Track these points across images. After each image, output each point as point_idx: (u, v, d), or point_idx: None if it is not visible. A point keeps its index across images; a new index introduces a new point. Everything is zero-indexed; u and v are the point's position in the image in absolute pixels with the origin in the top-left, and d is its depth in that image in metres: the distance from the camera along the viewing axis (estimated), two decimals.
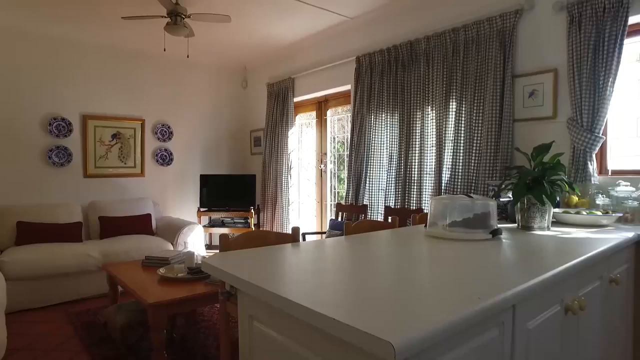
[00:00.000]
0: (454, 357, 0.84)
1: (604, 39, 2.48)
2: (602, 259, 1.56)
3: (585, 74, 2.56)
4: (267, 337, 1.04)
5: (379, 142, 3.82)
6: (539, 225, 2.03)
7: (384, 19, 3.88)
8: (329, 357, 0.84)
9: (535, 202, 2.01)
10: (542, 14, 2.83)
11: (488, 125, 3.01)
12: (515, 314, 1.04)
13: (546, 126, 2.83)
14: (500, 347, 0.99)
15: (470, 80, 3.14)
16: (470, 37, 3.15)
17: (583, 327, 1.45)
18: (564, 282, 1.29)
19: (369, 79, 3.92)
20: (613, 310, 1.71)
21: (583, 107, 2.57)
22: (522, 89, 2.94)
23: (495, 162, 2.97)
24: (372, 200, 3.85)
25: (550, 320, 1.23)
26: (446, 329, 0.77)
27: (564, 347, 1.30)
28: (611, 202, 2.42)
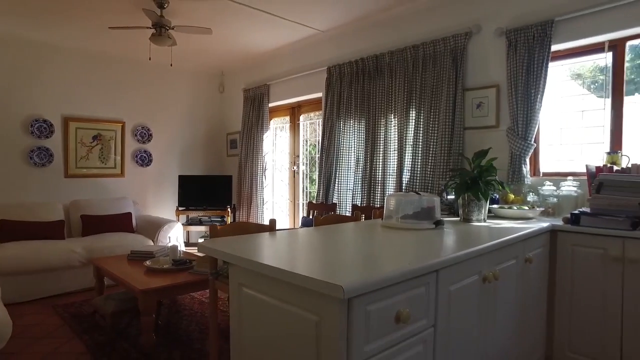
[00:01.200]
0: (390, 302, 1.19)
1: (534, 62, 2.93)
2: (518, 242, 1.97)
3: (520, 90, 3.00)
4: (254, 299, 1.37)
5: (347, 145, 4.19)
6: (476, 217, 2.44)
7: (352, 34, 4.25)
8: (301, 304, 1.18)
9: (473, 198, 2.41)
10: (487, 37, 3.27)
11: (442, 132, 3.42)
12: (439, 278, 1.41)
13: (490, 134, 3.26)
14: (426, 301, 1.36)
15: (428, 91, 3.55)
16: (427, 54, 3.56)
17: (500, 295, 1.84)
18: (482, 258, 1.68)
19: (338, 87, 4.29)
20: (528, 283, 2.13)
21: (518, 118, 3.01)
22: (471, 101, 3.37)
23: (448, 165, 3.38)
24: (340, 199, 4.21)
25: (470, 286, 1.61)
26: (380, 281, 1.13)
27: (481, 309, 1.69)
28: (539, 199, 2.87)
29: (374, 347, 1.15)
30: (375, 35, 4.05)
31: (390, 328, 1.20)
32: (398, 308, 1.22)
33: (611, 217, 2.17)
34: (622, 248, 2.13)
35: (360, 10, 3.87)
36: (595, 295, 2.23)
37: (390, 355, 1.21)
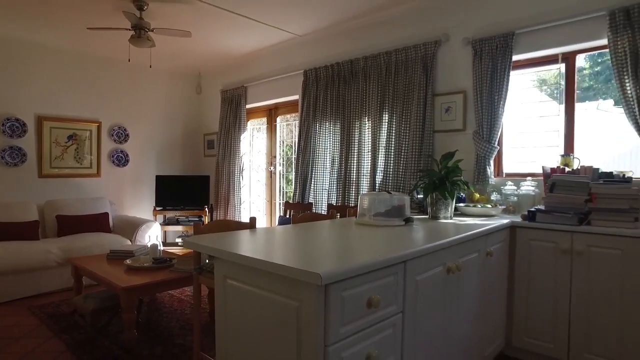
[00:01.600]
0: (363, 289, 1.34)
1: (497, 70, 3.15)
2: (480, 237, 2.15)
3: (484, 96, 3.21)
4: (238, 289, 1.49)
5: (323, 147, 4.34)
6: (444, 215, 2.63)
7: (328, 39, 4.40)
8: (283, 292, 1.31)
9: (440, 197, 2.60)
10: (455, 46, 3.47)
11: (413, 135, 3.60)
12: (406, 268, 1.57)
13: (458, 137, 3.46)
14: (395, 288, 1.51)
15: (400, 96, 3.73)
16: (400, 60, 3.74)
17: (463, 285, 2.02)
18: (446, 251, 1.85)
19: (314, 90, 4.43)
20: (490, 275, 2.32)
21: (483, 123, 3.22)
22: (440, 105, 3.57)
23: (419, 166, 3.57)
24: (316, 198, 4.35)
25: (435, 276, 1.78)
26: (354, 269, 1.27)
27: (445, 297, 1.86)
28: (501, 197, 3.09)
29: (349, 329, 1.29)
30: (350, 41, 4.21)
31: (362, 312, 1.35)
32: (370, 295, 1.37)
33: (562, 214, 2.40)
34: (570, 241, 2.35)
35: (336, 17, 4.02)
36: (548, 285, 2.45)
37: (363, 337, 1.35)
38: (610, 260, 2.24)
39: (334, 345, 1.24)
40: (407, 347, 1.59)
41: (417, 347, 1.65)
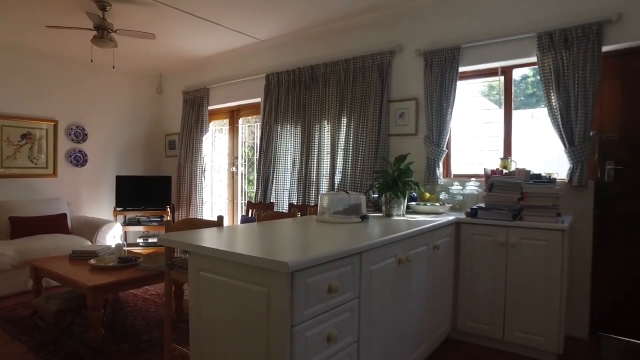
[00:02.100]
0: (324, 277, 1.53)
1: (446, 80, 3.44)
2: (427, 232, 2.41)
3: (434, 103, 3.50)
4: (211, 280, 1.64)
5: (284, 148, 4.50)
6: (397, 213, 2.87)
7: (290, 45, 4.57)
8: (253, 280, 1.47)
9: (394, 196, 2.84)
10: (408, 56, 3.74)
11: (370, 138, 3.84)
12: (362, 259, 1.77)
13: (411, 141, 3.74)
14: (351, 277, 1.71)
15: (357, 101, 3.96)
16: (358, 67, 3.97)
17: (412, 275, 2.26)
18: (397, 244, 2.07)
19: (276, 94, 4.58)
20: (437, 266, 2.58)
21: (433, 128, 3.51)
22: (394, 111, 3.83)
23: (375, 167, 3.81)
24: (278, 198, 4.51)
25: (387, 266, 2.00)
26: (316, 259, 1.46)
27: (396, 285, 2.09)
28: (449, 197, 3.38)
29: (312, 311, 1.48)
30: (311, 48, 4.40)
31: (324, 297, 1.54)
32: (330, 282, 1.56)
33: (499, 211, 2.71)
34: (506, 235, 2.66)
35: (298, 24, 4.20)
36: (488, 274, 2.75)
37: (324, 319, 1.54)
38: (538, 250, 2.56)
39: (298, 326, 1.42)
40: (363, 329, 1.79)
41: (371, 329, 1.87)
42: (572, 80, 2.88)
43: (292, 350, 1.40)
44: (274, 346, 1.41)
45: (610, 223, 2.95)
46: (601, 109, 2.96)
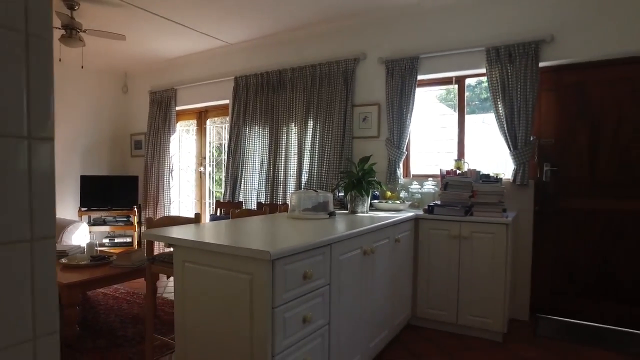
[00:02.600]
0: (299, 265, 1.72)
1: (406, 87, 3.73)
2: (389, 227, 2.65)
3: (395, 108, 3.78)
4: (195, 270, 1.80)
5: (252, 149, 4.65)
6: (361, 210, 3.11)
7: (259, 49, 4.72)
8: (237, 268, 1.65)
9: (358, 195, 3.08)
10: (371, 64, 4.00)
11: (335, 140, 4.07)
12: (332, 250, 1.99)
13: (373, 143, 4.00)
14: (323, 266, 1.92)
15: (323, 105, 4.18)
16: (324, 73, 4.19)
17: (376, 265, 2.50)
18: (362, 237, 2.30)
19: (245, 96, 4.73)
20: (398, 257, 2.84)
21: (394, 131, 3.79)
22: (358, 115, 4.08)
23: (340, 167, 4.05)
24: (246, 197, 4.65)
25: (354, 257, 2.22)
26: (293, 249, 1.66)
27: (362, 274, 2.32)
28: (408, 195, 3.67)
29: (289, 295, 1.67)
30: (279, 53, 4.57)
31: (300, 282, 1.74)
32: (305, 269, 1.76)
33: (452, 207, 3.00)
34: (459, 229, 2.96)
35: (266, 29, 4.37)
36: (443, 264, 3.04)
37: (300, 302, 1.74)
38: (486, 242, 2.88)
39: (279, 308, 1.61)
40: (333, 312, 2.01)
41: (340, 313, 2.08)
42: (515, 90, 3.23)
43: (273, 329, 1.58)
44: (257, 326, 1.59)
45: (547, 217, 3.33)
46: (540, 117, 3.34)
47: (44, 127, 0.64)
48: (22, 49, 0.60)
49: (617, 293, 3.13)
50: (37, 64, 0.62)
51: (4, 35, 0.58)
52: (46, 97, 0.64)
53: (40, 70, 0.63)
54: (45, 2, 0.63)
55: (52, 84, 0.65)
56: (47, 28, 0.63)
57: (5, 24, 0.58)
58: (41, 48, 0.62)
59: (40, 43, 0.62)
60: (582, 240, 3.24)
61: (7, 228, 0.59)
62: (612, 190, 3.14)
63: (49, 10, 0.64)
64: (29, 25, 0.61)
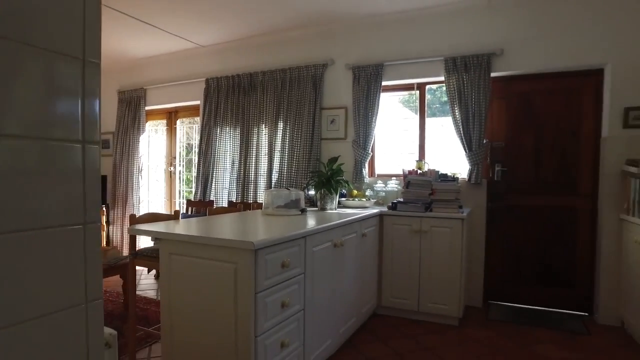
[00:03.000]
0: (278, 255, 1.91)
1: (371, 92, 3.98)
2: (356, 222, 2.88)
3: (361, 111, 4.02)
4: (181, 261, 1.94)
5: (223, 149, 4.77)
6: (330, 207, 3.33)
7: (230, 52, 4.84)
8: (222, 258, 1.81)
9: (327, 193, 3.29)
10: (339, 69, 4.23)
11: (304, 141, 4.27)
12: (306, 242, 2.18)
13: (341, 144, 4.22)
14: (299, 256, 2.11)
15: (293, 108, 4.37)
16: (294, 77, 4.38)
17: (345, 256, 2.71)
18: (332, 231, 2.51)
19: (216, 97, 4.84)
20: (365, 250, 3.07)
21: (360, 133, 4.03)
22: (326, 117, 4.30)
23: (309, 167, 4.25)
24: (217, 196, 4.77)
25: (326, 249, 2.43)
26: (274, 240, 1.84)
27: (333, 264, 2.53)
28: (374, 193, 3.92)
29: (270, 282, 1.86)
30: (250, 56, 4.72)
31: (279, 271, 1.92)
32: (283, 259, 1.95)
33: (414, 204, 3.27)
34: (419, 224, 3.23)
35: (238, 33, 4.50)
36: (405, 257, 3.31)
37: (279, 288, 1.93)
38: (444, 235, 3.16)
39: (260, 293, 1.79)
40: (308, 299, 2.20)
41: (314, 300, 2.28)
42: (470, 97, 3.55)
43: (256, 312, 1.77)
44: (241, 309, 1.77)
45: (498, 213, 3.67)
46: (492, 122, 3.67)
47: (93, 134, 0.80)
48: (80, 74, 0.76)
49: (554, 279, 3.51)
50: (90, 85, 0.78)
51: (69, 63, 0.74)
52: (95, 112, 0.80)
53: (92, 89, 0.79)
54: (97, 34, 0.79)
55: (99, 102, 0.81)
56: (98, 54, 0.79)
57: (70, 54, 0.74)
58: (94, 71, 0.79)
59: (93, 67, 0.78)
60: (527, 233, 3.59)
61: (69, 213, 0.75)
62: (552, 188, 3.51)
63: (100, 40, 0.80)
64: (86, 53, 0.77)
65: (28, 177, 0.68)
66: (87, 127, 0.79)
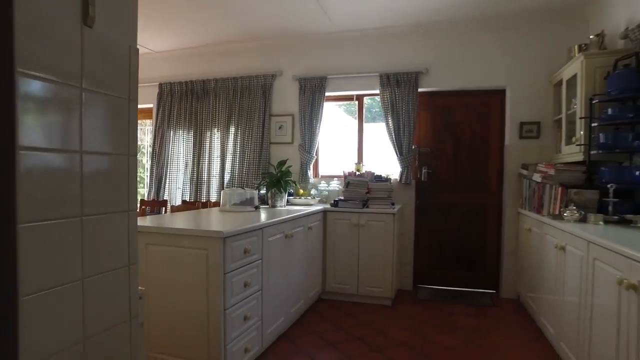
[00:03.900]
0: (241, 243, 2.29)
1: (315, 101, 4.44)
2: (302, 217, 3.32)
3: (307, 119, 4.47)
4: (157, 251, 2.27)
5: (177, 151, 5.01)
6: (280, 204, 3.74)
7: (183, 59, 5.08)
8: (195, 246, 2.16)
9: (277, 192, 3.70)
10: (286, 80, 4.64)
11: (254, 145, 4.64)
12: (263, 233, 2.58)
13: (288, 148, 4.64)
14: (257, 244, 2.51)
15: (244, 114, 4.72)
16: (245, 85, 4.73)
17: (295, 247, 3.14)
18: (283, 224, 2.93)
19: (169, 102, 5.06)
20: (311, 242, 3.52)
21: (305, 138, 4.47)
22: (275, 123, 4.70)
23: (259, 169, 4.62)
24: (171, 196, 4.99)
25: (279, 239, 2.84)
26: (238, 231, 2.23)
27: (285, 253, 2.94)
28: (318, 192, 4.38)
29: (235, 265, 2.24)
30: (203, 64, 4.99)
31: (242, 256, 2.31)
32: (245, 246, 2.34)
33: (353, 202, 3.77)
34: (358, 218, 3.74)
35: (190, 41, 4.77)
36: (346, 247, 3.80)
37: (242, 271, 2.31)
38: (378, 228, 3.69)
39: (228, 274, 2.17)
40: (265, 281, 2.60)
41: (270, 283, 2.68)
42: (401, 109, 4.12)
43: (224, 290, 2.14)
44: (212, 288, 2.13)
45: (424, 208, 4.28)
46: (419, 131, 4.27)
47: (134, 149, 1.16)
48: (127, 108, 1.13)
49: (470, 264, 4.17)
50: (132, 115, 1.15)
51: (122, 103, 1.10)
52: (136, 133, 1.17)
53: (133, 118, 1.16)
54: (135, 82, 1.15)
55: (137, 124, 1.18)
56: (136, 93, 1.16)
57: (121, 96, 1.10)
58: (133, 106, 1.15)
59: (133, 103, 1.15)
60: (448, 225, 4.23)
61: (121, 202, 1.11)
62: (468, 186, 4.17)
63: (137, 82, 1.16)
64: (130, 93, 1.13)
65: (100, 178, 1.03)
66: (131, 144, 1.15)
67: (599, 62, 2.91)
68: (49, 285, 0.89)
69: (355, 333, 3.08)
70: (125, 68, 1.12)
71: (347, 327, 3.19)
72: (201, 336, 2.17)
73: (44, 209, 0.88)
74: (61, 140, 0.92)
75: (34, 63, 0.84)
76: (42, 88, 0.87)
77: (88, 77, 0.98)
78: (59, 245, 0.92)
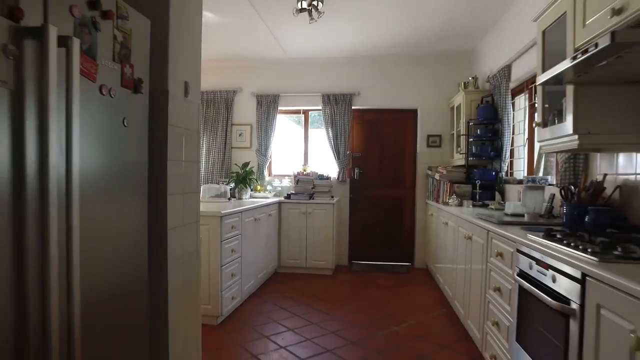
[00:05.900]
0: (231, 220, 3.26)
1: (270, 114, 5.44)
2: (264, 206, 4.32)
3: (263, 128, 5.45)
4: None
5: None
6: (245, 197, 4.70)
7: None
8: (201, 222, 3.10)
9: (243, 187, 4.66)
10: (246, 95, 5.59)
11: (219, 150, 5.53)
12: (242, 216, 3.56)
13: (247, 152, 5.59)
14: (239, 223, 3.48)
15: (210, 123, 5.59)
16: (210, 98, 5.60)
17: (261, 228, 4.13)
18: (252, 211, 3.91)
19: None
20: (271, 226, 4.52)
21: (262, 144, 5.46)
22: (236, 131, 5.62)
23: (222, 171, 5.51)
24: None
25: (251, 221, 3.83)
26: (228, 213, 3.20)
27: (255, 232, 3.93)
28: (273, 188, 5.39)
29: (226, 236, 3.20)
30: None
31: (230, 230, 3.28)
32: (232, 224, 3.31)
33: (302, 195, 4.84)
34: (306, 208, 4.81)
35: None
36: (297, 230, 4.84)
37: (231, 240, 3.28)
38: (322, 215, 4.79)
39: (223, 242, 3.13)
40: (243, 251, 3.58)
41: (247, 252, 3.66)
42: (339, 122, 5.25)
43: (221, 252, 3.10)
44: (212, 251, 3.09)
45: (357, 201, 5.45)
46: (353, 139, 5.43)
47: (198, 158, 2.14)
48: (196, 137, 2.10)
49: (392, 243, 5.41)
50: (198, 140, 2.13)
51: (194, 134, 2.08)
52: (199, 150, 2.14)
53: (198, 141, 2.13)
54: (199, 122, 2.12)
55: (200, 140, 2.15)
56: (198, 124, 2.13)
57: (190, 128, 2.07)
58: (198, 135, 2.13)
59: (198, 133, 2.13)
60: (376, 214, 5.43)
61: (193, 186, 2.08)
62: (390, 183, 5.40)
63: (201, 117, 2.13)
64: (197, 128, 2.11)
65: (189, 173, 2.00)
66: (197, 156, 2.12)
67: (473, 97, 4.24)
68: (176, 225, 1.86)
69: (306, 290, 4.15)
70: (196, 117, 2.09)
71: (300, 288, 4.25)
72: (204, 284, 3.11)
73: (174, 187, 1.85)
74: (179, 155, 1.89)
75: (174, 125, 1.82)
76: (176, 131, 1.84)
77: (187, 124, 1.95)
78: (177, 206, 1.88)
